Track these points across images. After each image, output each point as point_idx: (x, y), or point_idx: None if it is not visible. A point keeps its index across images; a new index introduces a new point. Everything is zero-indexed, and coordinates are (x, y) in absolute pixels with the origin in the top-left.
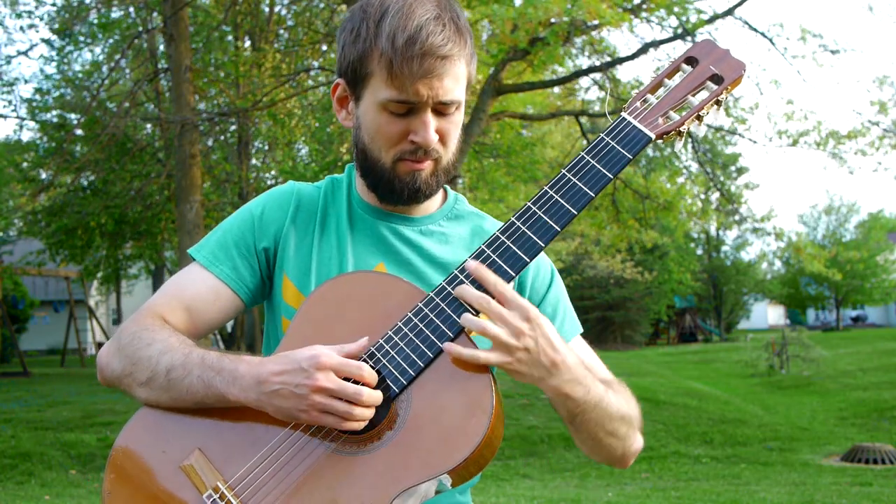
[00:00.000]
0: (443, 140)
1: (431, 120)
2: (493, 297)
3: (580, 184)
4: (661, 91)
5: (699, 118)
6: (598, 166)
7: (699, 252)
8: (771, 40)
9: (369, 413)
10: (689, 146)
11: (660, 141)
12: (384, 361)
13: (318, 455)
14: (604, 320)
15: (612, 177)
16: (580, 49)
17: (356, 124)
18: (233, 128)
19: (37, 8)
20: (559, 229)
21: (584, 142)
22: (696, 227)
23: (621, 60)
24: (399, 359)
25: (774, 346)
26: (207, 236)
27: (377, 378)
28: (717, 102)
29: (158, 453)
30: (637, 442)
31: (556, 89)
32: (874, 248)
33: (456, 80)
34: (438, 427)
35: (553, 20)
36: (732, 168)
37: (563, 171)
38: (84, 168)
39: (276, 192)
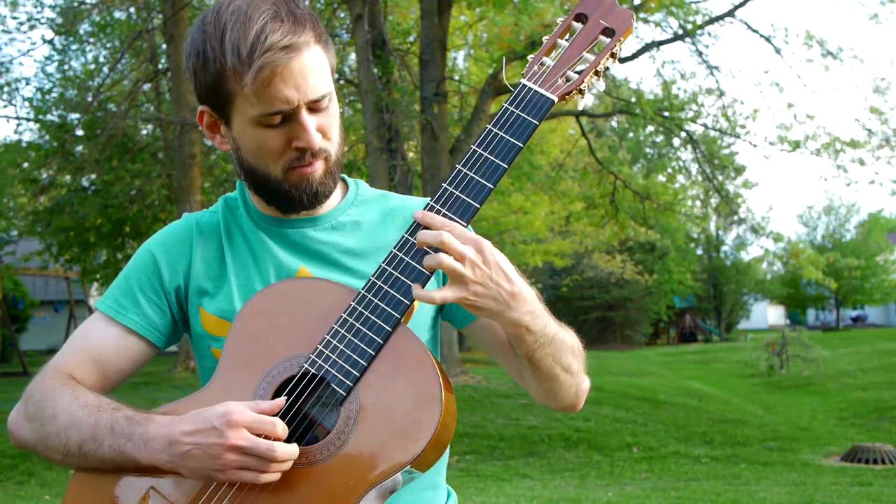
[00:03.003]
0: (326, 136)
1: (309, 121)
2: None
3: (492, 157)
4: (556, 52)
5: (598, 73)
6: (507, 137)
7: (699, 252)
8: (770, 40)
9: (287, 466)
10: (689, 147)
11: (562, 101)
12: (326, 367)
13: None
14: (604, 320)
15: (521, 145)
16: None
17: (234, 146)
18: None
19: (39, 10)
20: (478, 205)
21: (585, 141)
22: (696, 229)
23: (622, 60)
24: (341, 362)
25: (774, 346)
26: (111, 285)
27: (287, 432)
28: (612, 55)
29: (111, 501)
30: (586, 381)
31: None
32: (874, 248)
33: (318, 72)
34: (391, 422)
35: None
36: (731, 168)
37: (473, 146)
38: (84, 168)
39: (174, 229)
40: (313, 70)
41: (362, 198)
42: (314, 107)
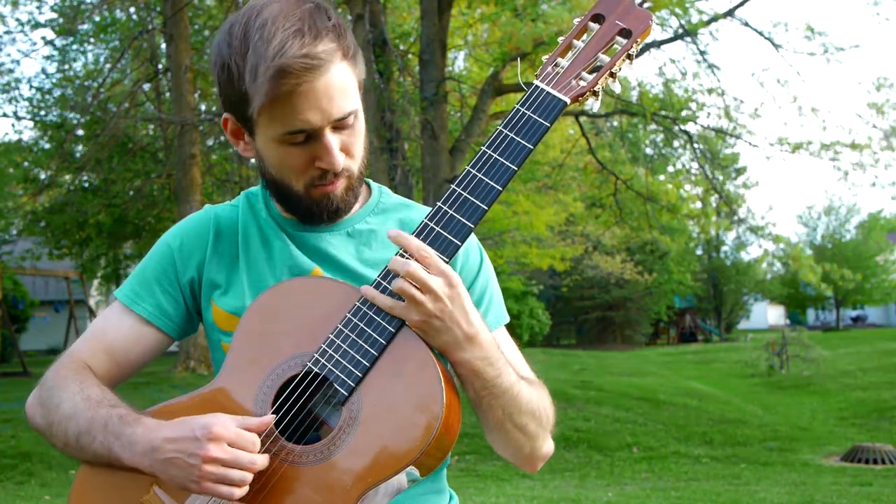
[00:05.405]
0: (349, 154)
1: (333, 141)
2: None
3: (501, 159)
4: (571, 53)
5: (612, 75)
6: (518, 138)
7: (699, 252)
8: (772, 40)
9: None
10: (689, 147)
11: (575, 103)
12: (329, 366)
13: (276, 471)
14: (604, 320)
15: (532, 147)
16: None
17: (258, 156)
18: None
19: (40, 11)
20: (486, 207)
21: (585, 141)
22: (697, 230)
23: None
24: (344, 361)
25: (774, 346)
26: (130, 275)
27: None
28: (629, 56)
29: (115, 497)
30: (547, 445)
31: None
32: (874, 248)
33: (343, 90)
34: (392, 423)
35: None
36: (731, 168)
37: (483, 148)
38: (84, 168)
39: (193, 221)
40: (338, 89)
41: (383, 206)
42: (339, 125)
